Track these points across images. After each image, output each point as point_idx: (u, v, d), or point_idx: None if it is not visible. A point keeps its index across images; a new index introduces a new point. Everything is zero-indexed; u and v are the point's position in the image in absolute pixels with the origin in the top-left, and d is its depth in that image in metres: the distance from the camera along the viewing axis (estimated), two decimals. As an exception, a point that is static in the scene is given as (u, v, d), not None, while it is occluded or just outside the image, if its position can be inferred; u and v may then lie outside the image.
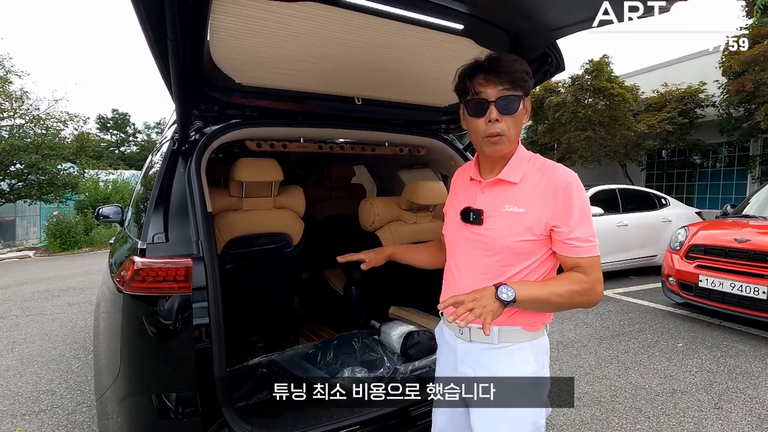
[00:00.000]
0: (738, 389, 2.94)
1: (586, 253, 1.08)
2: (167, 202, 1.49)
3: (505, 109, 1.09)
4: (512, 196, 1.13)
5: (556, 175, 1.10)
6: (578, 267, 1.09)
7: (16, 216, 13.14)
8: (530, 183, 1.12)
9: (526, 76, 1.10)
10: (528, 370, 1.14)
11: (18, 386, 3.14)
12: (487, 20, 1.57)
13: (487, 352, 1.16)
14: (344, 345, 2.13)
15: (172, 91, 1.40)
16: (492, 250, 1.13)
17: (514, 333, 1.15)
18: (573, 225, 1.08)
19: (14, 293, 6.25)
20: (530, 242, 1.11)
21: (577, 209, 1.08)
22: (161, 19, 1.06)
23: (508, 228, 1.11)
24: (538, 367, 1.16)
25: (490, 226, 1.14)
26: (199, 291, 1.33)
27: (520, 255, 1.12)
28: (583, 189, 1.11)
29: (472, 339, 1.18)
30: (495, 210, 1.14)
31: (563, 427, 2.51)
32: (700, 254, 4.34)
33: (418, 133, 2.26)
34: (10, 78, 10.95)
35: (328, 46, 1.55)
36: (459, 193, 1.28)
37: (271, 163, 2.04)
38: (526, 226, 1.10)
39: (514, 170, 1.14)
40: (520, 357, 1.14)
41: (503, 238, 1.11)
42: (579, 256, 1.09)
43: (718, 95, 9.19)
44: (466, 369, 1.20)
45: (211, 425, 1.36)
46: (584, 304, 1.10)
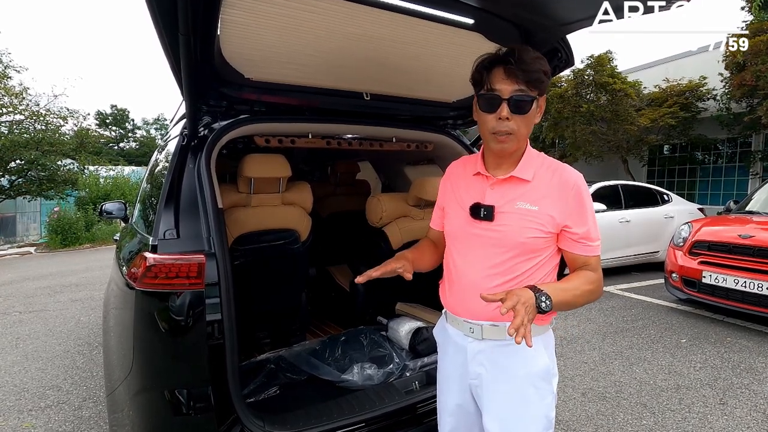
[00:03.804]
0: (743, 385, 2.95)
1: (596, 252, 1.14)
2: (177, 198, 1.48)
3: (518, 109, 1.07)
4: (525, 193, 1.13)
5: (566, 175, 1.14)
6: (587, 265, 1.15)
7: (17, 212, 13.14)
8: (542, 181, 1.13)
9: (544, 77, 1.08)
10: (541, 363, 1.15)
11: (23, 382, 3.15)
12: (497, 15, 1.56)
13: (499, 349, 1.16)
14: (352, 341, 2.14)
15: (182, 86, 1.39)
16: (504, 247, 1.13)
17: None
18: (587, 224, 1.12)
19: (17, 289, 6.25)
20: (541, 239, 1.12)
21: (589, 209, 1.13)
22: (173, 13, 1.05)
23: (521, 225, 1.11)
24: (549, 359, 1.18)
25: (502, 222, 1.13)
26: (212, 287, 1.33)
27: (532, 251, 1.13)
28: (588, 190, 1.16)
29: (485, 337, 1.16)
30: (507, 206, 1.13)
31: (569, 423, 2.51)
32: (704, 250, 4.33)
33: (425, 128, 2.25)
34: (9, 73, 10.88)
35: (337, 40, 1.54)
36: (461, 188, 1.24)
37: (279, 159, 2.03)
38: (538, 223, 1.11)
39: (527, 168, 1.14)
40: (533, 351, 1.14)
41: (516, 234, 1.11)
42: (590, 255, 1.14)
43: (719, 89, 9.17)
44: (477, 368, 1.18)
45: (224, 421, 1.36)
46: (593, 300, 1.15)
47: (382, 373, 1.88)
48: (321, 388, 1.87)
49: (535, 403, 1.14)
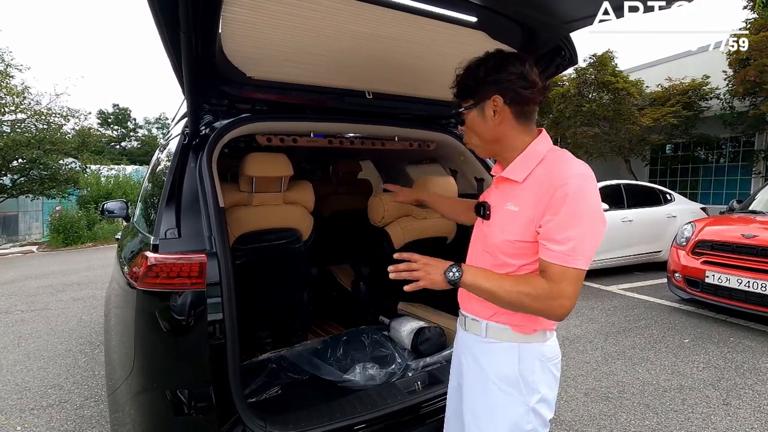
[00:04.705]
0: (746, 385, 2.93)
1: (556, 260, 0.97)
2: (179, 198, 1.48)
3: (459, 122, 1.17)
4: (514, 194, 1.10)
5: (555, 173, 1.01)
6: (544, 272, 0.99)
7: (19, 211, 13.16)
8: (535, 181, 1.06)
9: (473, 84, 1.11)
10: (508, 369, 1.11)
11: (25, 381, 3.15)
12: (500, 12, 1.55)
13: (479, 345, 1.17)
14: (354, 341, 2.13)
15: (183, 84, 1.38)
16: (488, 247, 1.14)
17: (501, 331, 1.13)
18: (552, 225, 0.98)
19: (19, 288, 6.26)
20: (516, 244, 1.06)
21: (563, 209, 0.97)
22: (175, 11, 1.04)
23: (500, 226, 1.10)
24: (523, 369, 1.10)
25: (491, 222, 1.15)
26: (213, 287, 1.32)
27: (509, 255, 1.08)
28: (586, 190, 0.98)
29: (467, 329, 1.21)
30: (498, 207, 1.14)
31: (572, 423, 2.50)
32: (707, 250, 4.31)
33: (428, 127, 2.24)
34: (10, 72, 10.89)
35: (339, 38, 1.53)
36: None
37: (281, 158, 2.02)
38: (515, 225, 1.06)
39: (517, 169, 1.10)
40: (505, 355, 1.12)
41: (494, 236, 1.11)
42: (547, 260, 0.99)
43: (722, 87, 9.14)
44: (460, 355, 1.26)
45: (225, 421, 1.35)
46: (540, 312, 1.00)
47: (384, 373, 1.87)
48: (323, 388, 1.86)
49: (503, 406, 1.11)
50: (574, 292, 0.98)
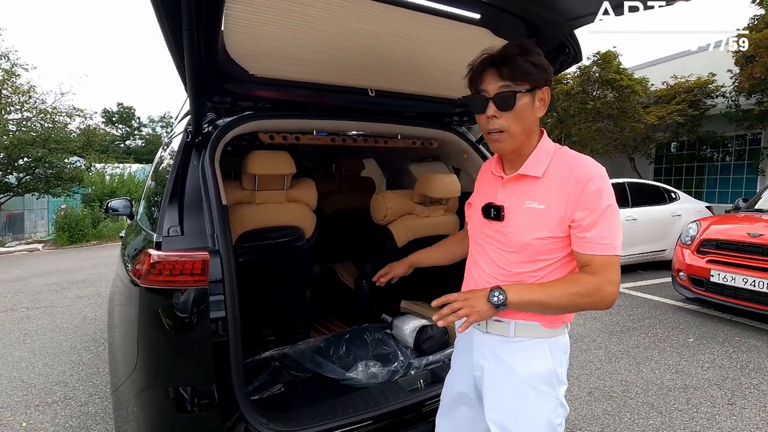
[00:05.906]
0: (751, 385, 2.91)
1: (599, 251, 1.02)
2: (182, 195, 1.48)
3: (504, 105, 1.05)
4: (533, 191, 1.09)
5: (579, 170, 1.04)
6: (587, 266, 1.04)
7: (25, 209, 13.27)
8: (553, 178, 1.07)
9: (532, 68, 1.03)
10: (543, 366, 1.12)
11: (31, 378, 3.18)
12: (504, 9, 1.54)
13: (503, 345, 1.15)
14: (356, 339, 2.13)
15: (186, 82, 1.38)
16: (512, 247, 1.12)
17: (531, 328, 1.12)
18: (589, 220, 1.02)
19: (24, 286, 6.31)
20: (550, 240, 1.07)
21: (596, 204, 1.02)
22: (177, 8, 1.04)
23: (527, 225, 1.09)
24: (555, 364, 1.13)
25: (510, 222, 1.12)
26: (216, 284, 1.32)
27: (539, 253, 1.09)
28: (607, 184, 1.04)
29: (489, 330, 1.17)
30: (515, 206, 1.12)
31: (575, 422, 2.50)
32: (712, 249, 4.29)
33: (431, 125, 2.23)
34: (16, 71, 10.97)
35: (342, 36, 1.52)
36: (482, 188, 1.26)
37: (284, 155, 2.02)
38: (545, 223, 1.06)
39: (535, 164, 1.10)
40: (537, 353, 1.12)
41: (522, 235, 1.09)
42: (590, 253, 1.03)
43: (728, 84, 9.06)
44: (480, 359, 1.20)
45: (228, 419, 1.35)
46: (591, 305, 1.05)
47: (387, 372, 1.87)
48: (325, 386, 1.86)
49: (534, 405, 1.11)
50: (618, 278, 1.04)
